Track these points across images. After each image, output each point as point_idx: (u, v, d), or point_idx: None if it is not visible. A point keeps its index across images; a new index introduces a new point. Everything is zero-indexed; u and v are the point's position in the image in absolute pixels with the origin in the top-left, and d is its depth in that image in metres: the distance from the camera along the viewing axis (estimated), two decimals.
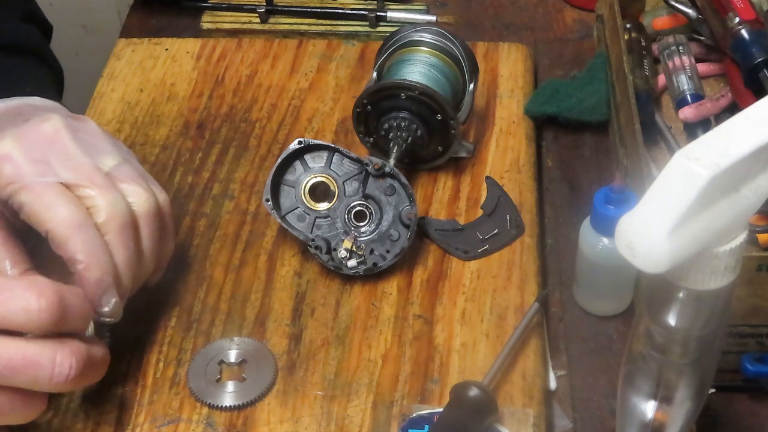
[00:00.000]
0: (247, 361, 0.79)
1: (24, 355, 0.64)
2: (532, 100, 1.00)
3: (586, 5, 1.14)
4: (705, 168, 0.47)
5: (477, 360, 0.79)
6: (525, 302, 0.82)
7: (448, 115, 0.88)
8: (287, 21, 1.14)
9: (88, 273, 0.69)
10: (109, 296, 0.70)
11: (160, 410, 0.76)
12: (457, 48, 0.92)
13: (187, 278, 0.85)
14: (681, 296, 0.54)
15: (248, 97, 1.02)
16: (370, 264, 0.83)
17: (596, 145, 1.00)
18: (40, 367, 0.64)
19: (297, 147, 0.85)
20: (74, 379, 0.66)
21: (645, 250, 0.49)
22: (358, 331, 0.81)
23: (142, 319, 0.82)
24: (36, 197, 0.70)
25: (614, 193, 0.77)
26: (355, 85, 1.03)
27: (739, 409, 0.79)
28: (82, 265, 0.69)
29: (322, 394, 0.77)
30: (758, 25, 0.89)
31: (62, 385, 0.66)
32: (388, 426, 0.75)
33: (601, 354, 0.83)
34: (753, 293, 0.74)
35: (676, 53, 0.98)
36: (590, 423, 0.78)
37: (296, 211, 0.86)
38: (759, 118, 0.50)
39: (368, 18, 1.11)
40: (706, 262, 0.52)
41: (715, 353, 0.59)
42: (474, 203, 0.91)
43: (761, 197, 0.51)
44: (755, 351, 0.78)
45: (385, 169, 0.84)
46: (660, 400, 0.60)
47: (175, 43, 1.08)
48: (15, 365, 0.63)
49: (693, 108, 0.93)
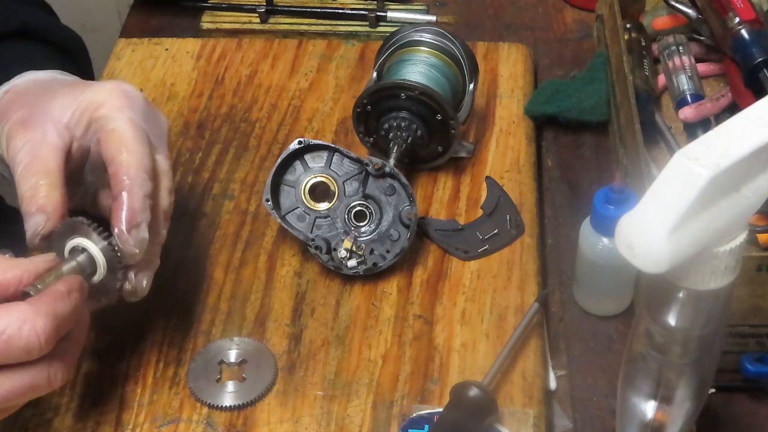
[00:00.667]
0: (247, 361, 0.79)
1: (21, 384, 0.64)
2: (532, 100, 1.00)
3: (586, 5, 1.14)
4: (705, 168, 0.47)
5: (477, 360, 0.79)
6: (525, 302, 0.82)
7: (448, 115, 0.88)
8: (287, 21, 1.14)
9: (132, 196, 0.71)
10: (141, 231, 0.71)
11: (160, 410, 0.76)
12: (457, 48, 0.92)
13: (187, 278, 0.85)
14: (681, 296, 0.54)
15: (248, 97, 1.02)
16: (370, 264, 0.83)
17: (596, 145, 1.00)
18: (38, 389, 0.66)
19: (297, 147, 0.85)
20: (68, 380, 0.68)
21: (645, 250, 0.49)
22: (358, 331, 0.81)
23: (142, 319, 0.82)
24: (125, 124, 0.73)
25: (614, 193, 0.77)
26: (355, 85, 1.03)
27: (739, 409, 0.79)
28: (128, 188, 0.71)
29: (322, 394, 0.77)
30: (758, 25, 0.89)
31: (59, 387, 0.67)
32: (388, 426, 0.75)
33: (601, 354, 0.83)
34: (753, 293, 0.74)
35: (676, 53, 0.98)
36: (590, 423, 0.78)
37: (296, 211, 0.86)
38: (759, 118, 0.50)
39: (368, 18, 1.11)
40: (706, 262, 0.52)
41: (715, 353, 0.59)
42: (474, 203, 0.91)
43: (761, 197, 0.51)
44: (755, 351, 0.78)
45: (385, 169, 0.84)
46: (660, 400, 0.60)
47: (175, 43, 1.08)
48: (13, 395, 0.65)
49: (693, 108, 0.93)
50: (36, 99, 0.77)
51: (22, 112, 0.76)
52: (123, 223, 0.70)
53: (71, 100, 0.76)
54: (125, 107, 0.74)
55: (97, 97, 0.75)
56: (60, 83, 0.81)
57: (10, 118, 0.76)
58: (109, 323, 0.82)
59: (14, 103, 0.78)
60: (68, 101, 0.76)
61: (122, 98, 0.75)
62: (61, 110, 0.76)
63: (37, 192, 0.72)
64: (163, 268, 0.85)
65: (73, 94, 0.76)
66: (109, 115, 0.74)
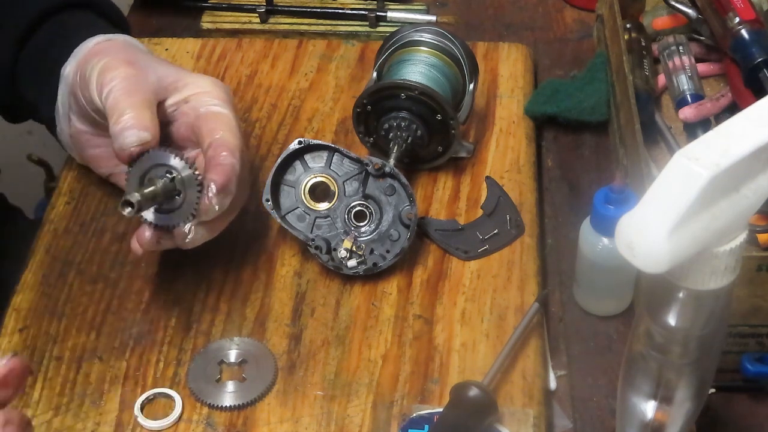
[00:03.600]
0: (247, 361, 0.79)
1: None
2: (532, 100, 1.00)
3: (586, 5, 1.14)
4: (705, 168, 0.47)
5: (477, 360, 0.79)
6: (525, 302, 0.82)
7: (448, 115, 0.88)
8: (287, 21, 1.14)
9: (232, 169, 0.76)
10: (226, 199, 0.76)
11: (161, 410, 0.76)
12: (457, 48, 0.92)
13: (187, 278, 0.85)
14: (681, 296, 0.54)
15: (248, 97, 1.02)
16: (370, 264, 0.83)
17: (596, 145, 1.00)
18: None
19: (297, 147, 0.85)
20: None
21: (645, 250, 0.49)
22: (358, 331, 0.81)
23: (142, 319, 0.82)
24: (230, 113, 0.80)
25: (614, 193, 0.77)
26: (355, 85, 1.03)
27: (739, 409, 0.79)
28: (229, 161, 0.76)
29: (322, 394, 0.77)
30: (758, 25, 0.89)
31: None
32: (388, 426, 0.75)
33: (601, 354, 0.83)
34: (753, 293, 0.74)
35: (676, 53, 0.98)
36: (590, 423, 0.78)
37: (296, 211, 0.86)
38: (759, 118, 0.50)
39: (368, 18, 1.11)
40: (706, 262, 0.52)
41: (715, 353, 0.59)
42: (474, 203, 0.91)
43: (761, 197, 0.51)
44: (755, 351, 0.78)
45: (385, 169, 0.84)
46: (660, 400, 0.60)
47: (175, 43, 1.08)
48: None
49: (693, 108, 0.93)
50: (136, 54, 0.82)
51: (125, 55, 0.81)
52: (218, 185, 0.75)
53: (175, 71, 0.82)
54: (227, 102, 0.81)
55: (202, 83, 0.81)
56: (151, 54, 0.86)
57: (111, 55, 0.80)
58: (109, 323, 0.82)
59: (112, 47, 0.83)
60: (172, 71, 0.82)
61: (225, 94, 0.81)
62: (165, 72, 0.81)
63: (143, 113, 0.76)
64: (163, 268, 0.86)
65: (175, 67, 0.83)
66: (214, 102, 0.80)
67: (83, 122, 0.84)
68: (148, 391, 0.77)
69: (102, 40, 0.84)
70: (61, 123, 0.86)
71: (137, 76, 0.79)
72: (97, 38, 0.84)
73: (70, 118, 0.85)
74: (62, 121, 0.86)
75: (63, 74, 0.84)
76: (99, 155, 0.86)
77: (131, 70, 0.79)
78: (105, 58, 0.80)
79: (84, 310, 0.83)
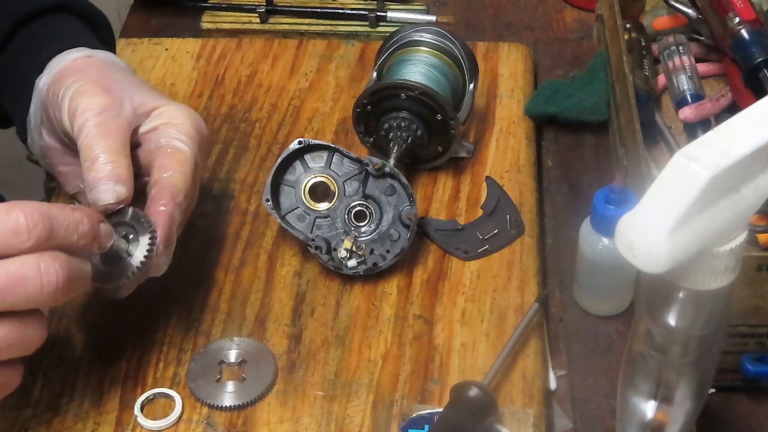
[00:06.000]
0: (247, 361, 0.79)
1: (8, 273, 0.62)
2: (532, 100, 1.00)
3: (586, 5, 1.14)
4: (705, 168, 0.47)
5: (477, 360, 0.79)
6: (525, 302, 0.82)
7: (448, 115, 0.88)
8: (287, 21, 1.14)
9: (173, 221, 0.75)
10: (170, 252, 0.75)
11: (160, 410, 0.76)
12: (457, 48, 0.92)
13: (187, 278, 0.85)
14: (681, 296, 0.54)
15: (248, 97, 1.02)
16: (370, 264, 0.83)
17: (596, 145, 1.00)
18: (28, 281, 0.63)
19: (297, 147, 0.85)
20: (64, 286, 0.64)
21: (645, 250, 0.49)
22: (358, 331, 0.81)
23: (142, 319, 0.82)
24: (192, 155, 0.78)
25: (614, 193, 0.78)
26: (355, 85, 1.03)
27: (739, 409, 0.79)
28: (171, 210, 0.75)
29: (322, 394, 0.77)
30: (758, 25, 0.89)
31: (54, 295, 0.64)
32: (388, 426, 0.75)
33: (601, 354, 0.83)
34: (753, 293, 0.74)
35: (676, 53, 0.98)
36: (590, 423, 0.78)
37: (296, 211, 0.86)
38: (759, 118, 0.50)
39: (368, 18, 1.11)
40: (706, 262, 0.52)
41: (715, 353, 0.59)
42: (474, 203, 0.91)
43: (761, 197, 0.51)
44: (755, 351, 0.78)
45: (385, 169, 0.84)
46: (660, 400, 0.60)
47: (175, 43, 1.08)
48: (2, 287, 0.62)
49: (693, 108, 0.93)
50: (114, 76, 0.80)
51: (101, 80, 0.78)
52: (161, 241, 0.74)
53: (152, 98, 0.80)
54: (196, 140, 0.79)
55: (175, 114, 0.79)
56: (131, 74, 0.84)
57: (87, 79, 0.78)
58: (109, 323, 0.82)
59: (90, 67, 0.80)
60: (149, 97, 0.80)
61: (197, 131, 0.80)
62: (142, 99, 0.79)
63: (119, 161, 0.74)
64: None
65: (153, 93, 0.81)
66: (177, 136, 0.78)
67: (53, 139, 0.82)
68: (148, 391, 0.77)
69: (81, 56, 0.81)
70: (33, 134, 0.84)
71: (112, 108, 0.76)
72: (76, 53, 0.81)
73: (41, 132, 0.82)
74: (33, 132, 0.84)
75: (37, 86, 0.81)
76: (67, 173, 0.83)
77: (107, 99, 0.76)
78: (80, 81, 0.78)
79: (84, 309, 0.83)
